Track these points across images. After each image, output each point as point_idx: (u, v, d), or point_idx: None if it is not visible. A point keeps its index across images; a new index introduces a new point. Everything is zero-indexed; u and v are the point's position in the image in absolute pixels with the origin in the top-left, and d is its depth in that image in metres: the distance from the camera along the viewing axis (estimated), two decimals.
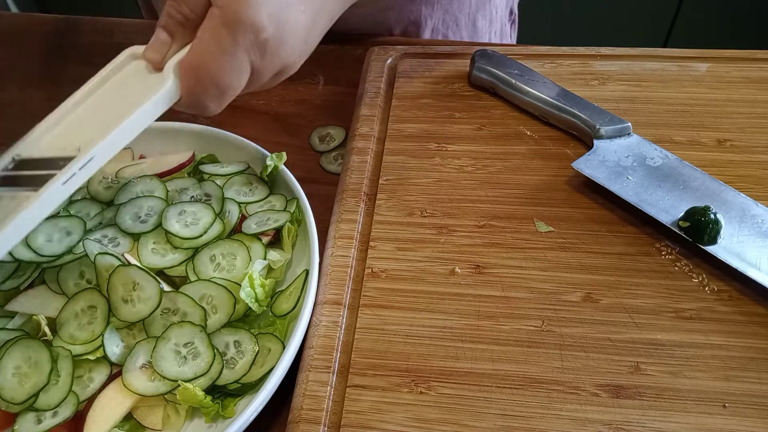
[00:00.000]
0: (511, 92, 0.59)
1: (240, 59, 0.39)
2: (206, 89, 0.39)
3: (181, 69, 0.39)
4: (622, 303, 0.44)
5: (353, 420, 0.40)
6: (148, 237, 0.48)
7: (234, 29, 0.38)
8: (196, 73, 0.39)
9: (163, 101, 0.39)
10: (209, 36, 0.38)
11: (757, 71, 0.60)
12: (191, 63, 0.39)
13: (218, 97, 0.40)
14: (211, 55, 0.38)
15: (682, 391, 0.40)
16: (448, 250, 0.48)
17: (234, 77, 0.40)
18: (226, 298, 0.44)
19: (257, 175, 0.54)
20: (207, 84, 0.39)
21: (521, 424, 0.39)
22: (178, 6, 0.39)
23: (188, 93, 0.40)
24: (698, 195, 0.49)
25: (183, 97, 0.40)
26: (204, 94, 0.40)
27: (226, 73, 0.39)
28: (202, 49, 0.39)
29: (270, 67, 0.41)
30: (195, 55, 0.39)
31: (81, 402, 0.41)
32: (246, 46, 0.39)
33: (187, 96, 0.40)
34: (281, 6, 0.39)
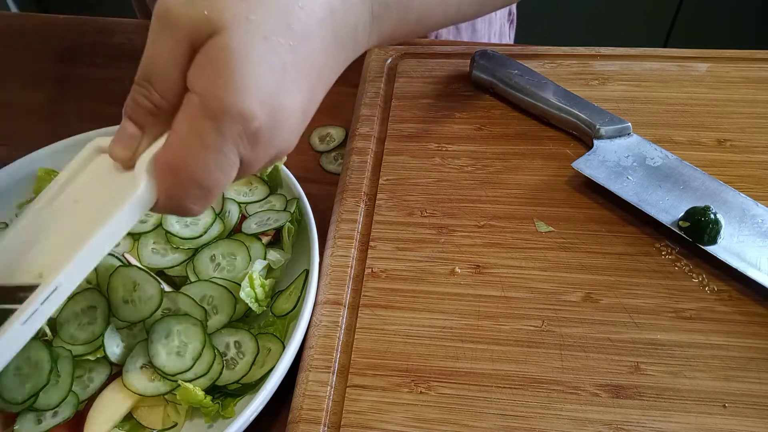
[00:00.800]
0: (511, 92, 0.59)
1: (227, 154, 0.32)
2: (188, 191, 0.33)
3: (156, 168, 0.33)
4: (622, 303, 0.44)
5: (353, 420, 0.40)
6: (148, 237, 0.48)
7: (219, 121, 0.31)
8: (175, 174, 0.32)
9: (137, 208, 0.32)
10: (189, 128, 0.32)
11: (757, 71, 0.60)
12: (168, 162, 0.32)
13: (202, 198, 0.33)
14: (192, 152, 0.32)
15: (682, 391, 0.40)
16: (448, 250, 0.49)
17: (220, 175, 0.33)
18: (226, 299, 0.44)
19: (257, 175, 0.54)
20: (189, 185, 0.32)
21: (521, 424, 0.39)
22: (147, 93, 0.33)
23: (166, 196, 0.33)
24: (698, 195, 0.49)
25: (160, 201, 0.33)
26: (185, 196, 0.33)
27: (211, 172, 0.32)
28: (180, 145, 0.32)
29: (263, 158, 0.35)
30: (172, 152, 0.32)
31: (81, 402, 0.41)
32: (234, 139, 0.32)
33: (165, 199, 0.33)
34: (274, 88, 0.33)
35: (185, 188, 0.33)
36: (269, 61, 0.32)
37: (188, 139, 0.32)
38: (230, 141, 0.32)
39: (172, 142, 0.32)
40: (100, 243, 0.32)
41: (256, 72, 0.32)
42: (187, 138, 0.32)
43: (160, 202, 0.34)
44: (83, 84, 0.42)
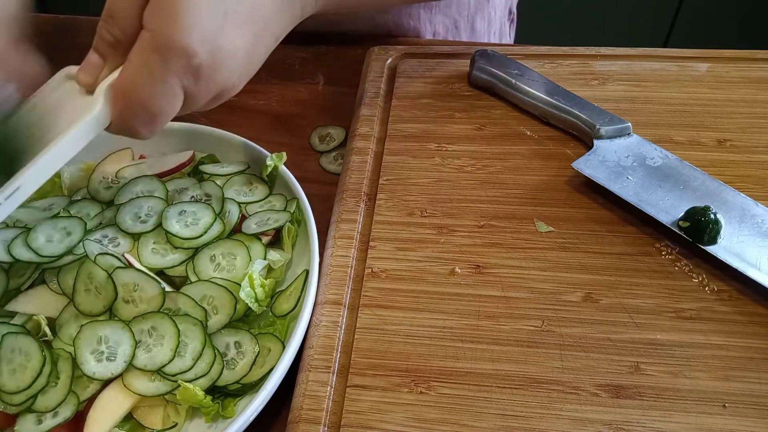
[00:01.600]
0: (511, 92, 0.59)
1: (171, 85, 0.38)
2: (136, 114, 0.38)
3: (111, 92, 0.38)
4: (622, 303, 0.44)
5: (353, 420, 0.40)
6: (148, 237, 0.48)
7: (164, 54, 0.36)
8: (126, 98, 0.38)
9: (92, 125, 0.38)
10: (139, 60, 0.37)
11: (757, 71, 0.60)
12: (121, 87, 0.38)
13: (149, 122, 0.39)
14: (141, 80, 0.37)
15: (682, 391, 0.40)
16: (448, 250, 0.49)
17: (165, 103, 0.38)
18: (227, 299, 0.44)
19: (257, 175, 0.54)
20: (137, 109, 0.38)
21: (521, 424, 0.39)
22: (109, 27, 0.38)
23: (118, 117, 0.39)
24: (698, 195, 0.49)
25: (113, 122, 0.39)
26: (134, 119, 0.39)
27: (156, 99, 0.38)
28: (132, 74, 0.38)
29: (205, 92, 0.40)
30: (125, 79, 0.38)
31: (81, 402, 0.41)
32: (178, 72, 0.37)
33: (117, 120, 0.39)
34: (215, 31, 0.38)
35: (134, 111, 0.38)
36: (213, 7, 0.38)
37: (138, 69, 0.37)
38: (174, 74, 0.37)
39: (125, 71, 0.38)
40: (58, 152, 0.37)
41: (200, 14, 0.37)
42: (138, 68, 0.37)
43: (113, 123, 0.39)
44: None
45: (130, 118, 0.39)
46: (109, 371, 0.40)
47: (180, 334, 0.42)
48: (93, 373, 0.40)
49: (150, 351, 0.41)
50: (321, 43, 0.72)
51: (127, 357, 0.41)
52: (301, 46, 0.71)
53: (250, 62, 0.43)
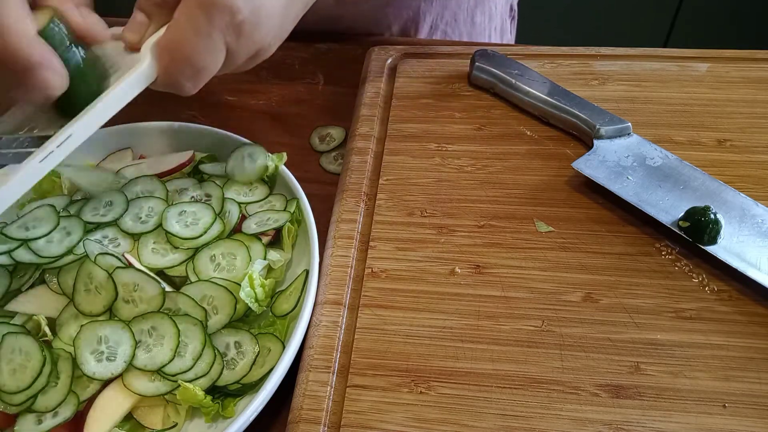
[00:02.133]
0: (511, 92, 0.59)
1: (215, 40, 0.39)
2: (181, 69, 0.40)
3: (157, 49, 0.40)
4: (622, 303, 0.44)
5: (353, 420, 0.40)
6: (148, 237, 0.48)
7: (209, 10, 0.38)
8: (172, 54, 0.39)
9: (140, 81, 0.40)
10: (185, 17, 0.39)
11: (757, 71, 0.60)
12: (167, 43, 0.39)
13: (193, 77, 0.41)
14: (186, 35, 0.39)
15: (682, 391, 0.40)
16: (448, 250, 0.48)
17: (209, 58, 0.40)
18: (227, 299, 0.44)
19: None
20: (182, 64, 0.40)
21: (521, 424, 0.39)
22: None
23: (164, 73, 0.40)
24: (698, 195, 0.49)
25: (159, 77, 0.41)
26: (179, 74, 0.40)
27: (201, 54, 0.40)
28: (177, 30, 0.39)
29: (245, 49, 0.42)
30: (171, 35, 0.39)
31: (81, 402, 0.41)
32: (221, 28, 0.39)
33: (163, 76, 0.40)
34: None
35: (179, 66, 0.40)
36: None
37: (184, 25, 0.39)
38: (218, 29, 0.39)
39: (172, 28, 0.39)
40: (107, 105, 0.39)
41: None
42: (184, 24, 0.39)
43: (159, 79, 0.41)
44: None
45: (175, 73, 0.40)
46: (109, 371, 0.40)
47: (180, 334, 0.42)
48: (93, 373, 0.40)
49: (150, 351, 0.41)
50: (321, 43, 0.72)
51: (127, 357, 0.41)
52: (301, 46, 0.71)
53: (284, 24, 0.45)
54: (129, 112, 0.42)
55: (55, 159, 0.37)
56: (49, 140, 0.37)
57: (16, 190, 0.37)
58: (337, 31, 0.73)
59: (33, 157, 0.37)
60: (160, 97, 0.43)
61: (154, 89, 0.42)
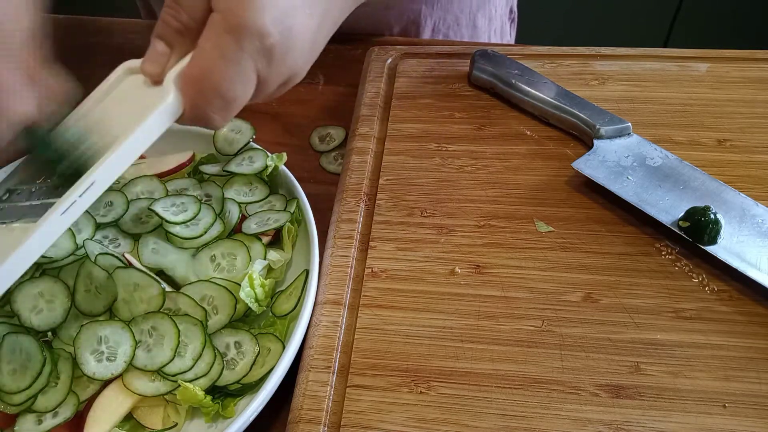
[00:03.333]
0: (511, 92, 0.59)
1: (245, 68, 0.36)
2: (210, 101, 0.37)
3: (182, 81, 0.37)
4: (622, 303, 0.44)
5: (353, 420, 0.40)
6: (148, 237, 0.48)
7: (238, 35, 0.35)
8: (200, 85, 0.36)
9: (166, 116, 0.37)
10: (212, 44, 0.36)
11: (757, 71, 0.60)
12: (194, 74, 0.36)
13: (223, 109, 0.38)
14: (214, 64, 0.36)
15: (682, 391, 0.40)
16: (448, 250, 0.49)
17: (239, 87, 0.37)
18: (227, 299, 0.44)
19: (258, 174, 0.54)
20: (211, 96, 0.37)
21: (521, 424, 0.39)
22: (176, 13, 0.37)
23: (192, 106, 0.37)
24: (698, 195, 0.49)
25: (186, 111, 0.38)
26: (208, 106, 0.37)
27: (231, 83, 0.37)
28: (204, 58, 0.36)
29: (277, 76, 0.39)
30: (197, 64, 0.36)
31: (81, 402, 0.41)
32: (252, 54, 0.36)
33: (190, 109, 0.38)
34: (287, 10, 0.37)
35: (208, 98, 0.37)
36: None
37: (211, 52, 0.36)
38: (248, 55, 0.36)
39: (197, 56, 0.36)
40: (132, 145, 0.36)
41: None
42: (210, 52, 0.36)
43: (186, 112, 0.38)
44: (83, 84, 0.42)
45: (204, 105, 0.37)
46: (109, 371, 0.40)
47: (180, 334, 0.42)
48: (93, 373, 0.40)
49: (150, 351, 0.41)
50: None
51: (127, 357, 0.41)
52: None
53: (315, 45, 0.41)
54: None
55: (78, 209, 0.34)
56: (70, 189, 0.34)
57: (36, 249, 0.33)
58: (337, 31, 0.73)
59: (54, 209, 0.34)
60: None
61: (181, 124, 0.39)
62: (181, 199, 0.49)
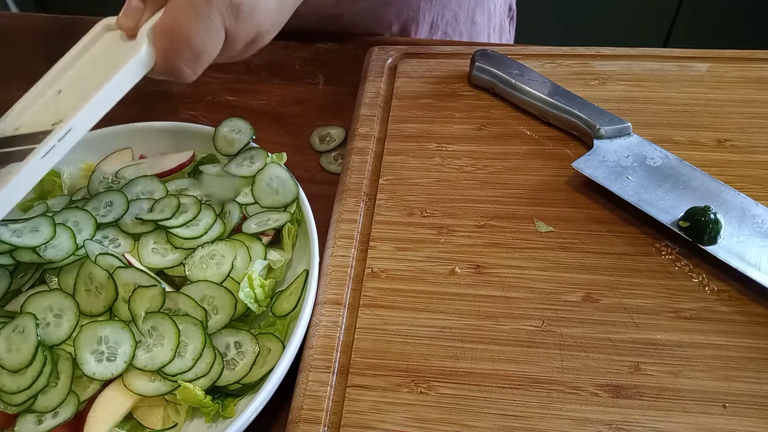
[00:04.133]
0: (511, 92, 0.59)
1: (214, 21, 0.39)
2: (181, 53, 0.39)
3: (154, 33, 0.39)
4: (622, 303, 0.44)
5: (353, 420, 0.40)
6: (149, 237, 0.48)
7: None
8: (170, 37, 0.39)
9: (138, 67, 0.39)
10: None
11: (757, 71, 0.60)
12: (165, 26, 0.39)
13: (193, 61, 0.40)
14: (185, 17, 0.38)
15: (682, 391, 0.40)
16: (448, 250, 0.49)
17: (208, 40, 0.40)
18: (227, 299, 0.44)
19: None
20: (181, 47, 0.39)
21: (521, 424, 0.39)
22: None
23: (163, 57, 0.40)
24: (698, 195, 0.49)
25: (158, 62, 0.40)
26: (179, 58, 0.40)
27: (200, 36, 0.39)
28: (175, 12, 0.39)
29: (244, 33, 0.42)
30: (169, 18, 0.39)
31: (81, 402, 0.41)
32: (220, 9, 0.39)
33: (162, 60, 0.40)
34: None
35: (179, 50, 0.39)
36: None
37: (182, 7, 0.38)
38: (216, 10, 0.39)
39: (169, 10, 0.39)
40: (106, 94, 0.38)
41: None
42: (182, 6, 0.38)
43: (157, 64, 0.40)
44: None
45: (175, 57, 0.39)
46: (109, 371, 0.41)
47: (180, 334, 0.42)
48: (93, 373, 0.40)
49: (150, 351, 0.41)
50: (321, 43, 0.72)
51: (128, 357, 0.41)
52: (301, 46, 0.71)
53: (282, 8, 0.44)
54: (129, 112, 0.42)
55: (57, 154, 0.37)
56: (49, 135, 0.36)
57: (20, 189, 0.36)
58: (337, 30, 0.73)
59: (35, 153, 0.36)
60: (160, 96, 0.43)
61: (153, 77, 0.41)
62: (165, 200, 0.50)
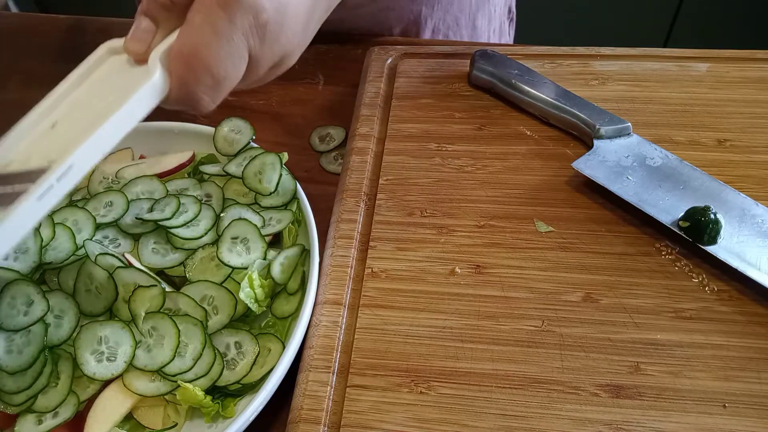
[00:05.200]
0: (511, 92, 0.59)
1: (237, 44, 0.34)
2: (199, 79, 0.34)
3: (170, 57, 0.34)
4: (622, 303, 0.44)
5: (353, 420, 0.40)
6: (149, 237, 0.48)
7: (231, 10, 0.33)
8: (188, 61, 0.34)
9: (150, 96, 0.34)
10: (202, 18, 0.33)
11: (757, 71, 0.60)
12: (181, 50, 0.34)
13: (213, 89, 0.35)
14: (204, 39, 0.33)
15: (682, 391, 0.40)
16: (448, 250, 0.49)
17: (230, 65, 0.35)
18: (227, 299, 0.44)
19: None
20: (200, 73, 0.34)
21: (521, 424, 0.39)
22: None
23: (179, 85, 0.35)
24: (698, 195, 0.49)
25: (173, 91, 0.35)
26: (197, 85, 0.35)
27: (221, 60, 0.34)
28: (194, 34, 0.34)
29: (269, 55, 0.37)
30: (186, 40, 0.34)
31: (81, 402, 0.41)
32: (244, 29, 0.34)
33: (177, 89, 0.35)
34: None
35: (197, 76, 0.34)
36: None
37: (201, 27, 0.33)
38: (240, 30, 0.34)
39: (186, 31, 0.34)
40: (113, 127, 0.33)
41: None
42: (201, 27, 0.33)
43: (172, 93, 0.35)
44: None
45: (192, 83, 0.34)
46: (109, 372, 0.41)
47: (180, 334, 0.42)
48: (93, 373, 0.40)
49: (150, 351, 0.41)
50: (321, 43, 0.72)
51: (128, 357, 0.41)
52: None
53: (307, 28, 0.39)
54: None
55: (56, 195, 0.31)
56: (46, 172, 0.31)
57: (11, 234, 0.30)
58: (337, 32, 0.73)
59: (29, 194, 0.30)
60: None
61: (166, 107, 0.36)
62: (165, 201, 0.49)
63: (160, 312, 0.43)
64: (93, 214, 0.48)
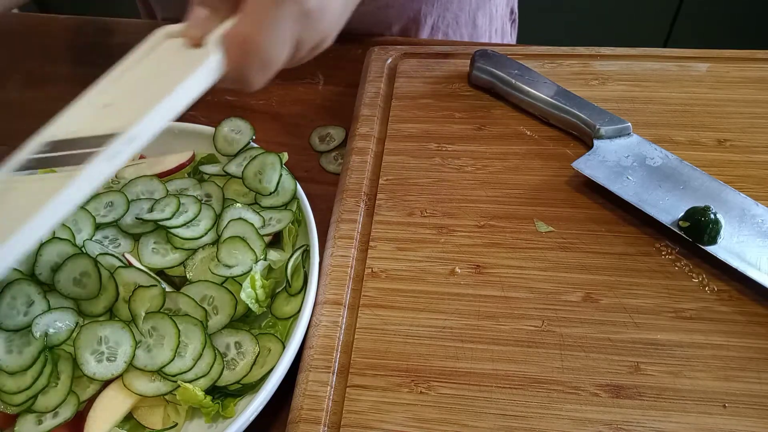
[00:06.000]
0: (511, 92, 0.59)
1: (285, 31, 0.39)
2: (252, 62, 0.39)
3: (226, 41, 0.39)
4: (622, 303, 0.44)
5: (353, 420, 0.40)
6: (149, 237, 0.48)
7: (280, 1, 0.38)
8: (243, 46, 0.39)
9: (207, 75, 0.38)
10: (253, 8, 0.38)
11: (757, 71, 0.60)
12: (237, 35, 0.39)
13: (263, 70, 0.40)
14: (257, 26, 0.38)
15: (682, 391, 0.40)
16: (448, 250, 0.49)
17: (278, 49, 0.40)
18: (227, 299, 0.44)
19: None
20: (252, 56, 0.39)
21: (521, 424, 0.39)
22: None
23: (234, 66, 0.40)
24: (698, 195, 0.49)
25: (228, 71, 0.40)
26: (249, 66, 0.40)
27: (272, 45, 0.39)
28: (247, 22, 0.39)
29: (311, 39, 0.42)
30: (241, 27, 0.39)
31: (81, 402, 0.41)
32: (290, 17, 0.39)
33: (232, 70, 0.40)
34: None
35: (250, 59, 0.39)
36: None
37: (254, 16, 0.38)
38: (287, 19, 0.39)
39: (241, 19, 0.39)
40: (173, 101, 0.36)
41: None
42: (253, 15, 0.38)
43: (228, 73, 0.40)
44: (83, 84, 0.42)
45: (246, 66, 0.40)
46: (109, 372, 0.41)
47: (180, 334, 0.42)
48: (93, 373, 0.40)
49: (150, 351, 0.41)
50: None
51: (128, 357, 0.41)
52: None
53: (345, 11, 0.44)
54: None
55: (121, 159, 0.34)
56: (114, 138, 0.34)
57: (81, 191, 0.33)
58: None
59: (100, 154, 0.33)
60: None
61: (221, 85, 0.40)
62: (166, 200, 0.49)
63: (160, 312, 0.43)
64: (93, 214, 0.48)
